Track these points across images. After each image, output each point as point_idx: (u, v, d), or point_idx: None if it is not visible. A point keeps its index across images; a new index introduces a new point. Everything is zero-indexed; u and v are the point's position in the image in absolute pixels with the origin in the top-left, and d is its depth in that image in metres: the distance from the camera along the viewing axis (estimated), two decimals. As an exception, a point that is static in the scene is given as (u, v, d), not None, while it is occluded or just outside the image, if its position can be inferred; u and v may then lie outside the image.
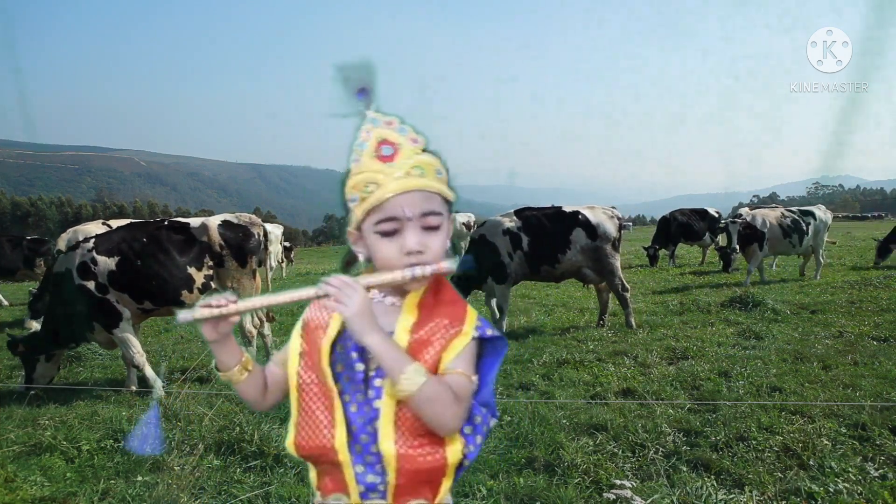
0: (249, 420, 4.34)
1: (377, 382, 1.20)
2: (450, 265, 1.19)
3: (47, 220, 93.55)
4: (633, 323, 7.93)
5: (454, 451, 1.19)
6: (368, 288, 1.19)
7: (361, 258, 1.27)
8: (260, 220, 6.85)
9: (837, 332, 7.06)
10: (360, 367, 1.22)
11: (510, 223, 8.03)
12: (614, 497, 3.19)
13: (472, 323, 1.22)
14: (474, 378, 1.22)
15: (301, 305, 1.23)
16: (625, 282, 8.05)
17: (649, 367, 5.88)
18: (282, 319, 8.19)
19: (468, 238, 9.67)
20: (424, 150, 1.22)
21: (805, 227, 12.03)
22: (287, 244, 22.75)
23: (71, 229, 10.48)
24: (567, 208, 8.21)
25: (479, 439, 1.24)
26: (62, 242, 9.91)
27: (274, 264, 16.63)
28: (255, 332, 6.50)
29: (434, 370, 1.18)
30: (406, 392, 1.13)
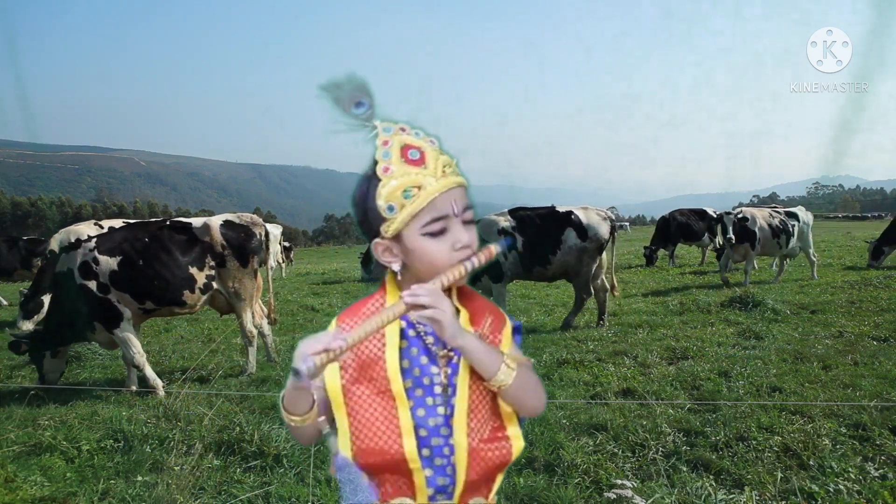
0: (249, 420, 4.35)
1: (455, 380, 1.22)
2: (498, 248, 1.22)
3: (47, 220, 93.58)
4: (572, 324, 8.00)
5: (518, 445, 1.24)
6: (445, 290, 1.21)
7: (396, 267, 1.24)
8: (261, 220, 6.86)
9: (837, 332, 7.05)
10: (434, 369, 1.23)
11: (505, 223, 8.06)
12: (614, 497, 3.19)
13: (506, 315, 1.31)
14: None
15: (303, 307, 1.22)
16: (589, 287, 8.07)
17: (649, 367, 5.88)
18: (282, 320, 8.19)
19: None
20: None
21: (791, 229, 12.03)
22: (286, 244, 22.74)
23: (63, 230, 10.48)
24: (561, 208, 8.22)
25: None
26: (54, 243, 9.91)
27: (273, 264, 16.62)
28: (255, 332, 6.50)
29: None
30: (506, 383, 1.18)
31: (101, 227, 10.35)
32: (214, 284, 6.22)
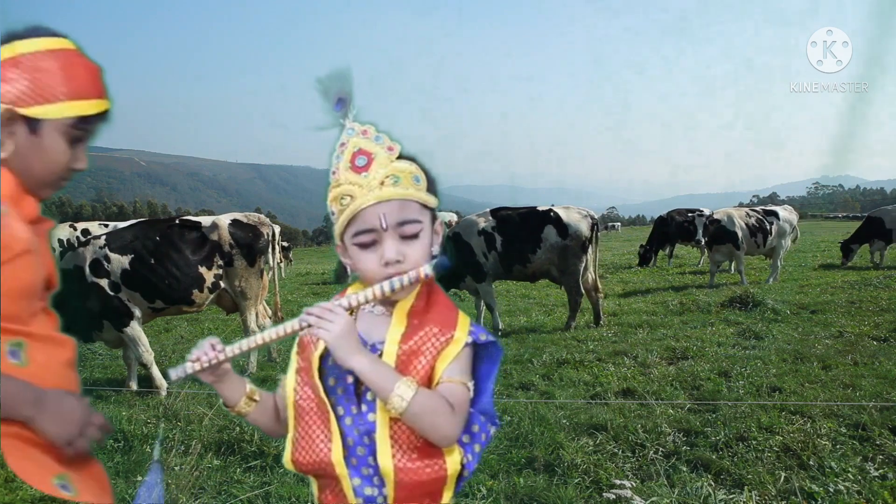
0: (249, 420, 4.35)
1: (369, 396, 1.19)
2: (427, 270, 1.16)
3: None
4: (573, 326, 7.96)
5: (453, 462, 1.18)
6: (350, 309, 1.18)
7: (349, 270, 1.28)
8: (268, 220, 6.89)
9: (837, 332, 7.06)
10: (350, 378, 1.21)
11: (485, 223, 8.09)
12: (614, 497, 3.19)
13: (464, 328, 1.20)
14: (470, 385, 1.20)
15: (303, 307, 1.22)
16: (581, 287, 8.03)
17: (649, 367, 5.88)
18: (289, 319, 8.20)
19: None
20: (401, 157, 1.20)
21: (768, 227, 12.06)
22: (285, 244, 22.72)
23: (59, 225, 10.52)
24: (541, 207, 8.27)
25: (477, 448, 1.22)
26: (53, 240, 9.95)
27: (272, 264, 16.60)
28: (258, 332, 6.50)
29: (427, 380, 1.17)
30: (398, 409, 1.12)
31: (75, 229, 10.44)
32: (222, 283, 6.23)
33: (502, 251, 7.97)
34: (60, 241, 6.20)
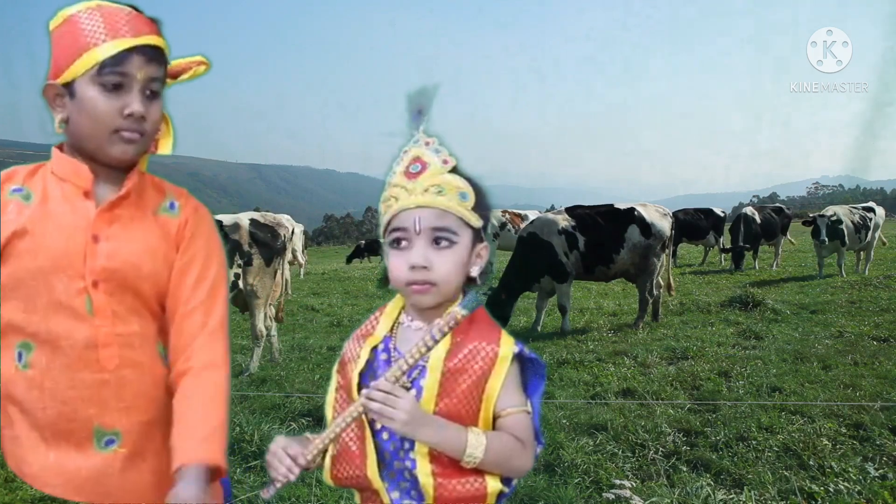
0: (249, 420, 4.34)
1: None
2: (463, 312, 1.14)
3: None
4: (640, 326, 7.88)
5: (494, 480, 1.19)
6: (405, 385, 1.18)
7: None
8: (284, 220, 6.93)
9: (837, 332, 7.05)
10: None
11: (564, 222, 7.91)
12: (614, 497, 3.19)
13: (508, 343, 1.21)
14: (529, 408, 1.22)
15: (303, 307, 1.22)
16: (654, 287, 7.99)
17: (649, 367, 5.88)
18: (289, 319, 8.19)
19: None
20: (454, 171, 1.22)
21: (869, 223, 12.45)
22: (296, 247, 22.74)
23: None
24: (620, 205, 8.13)
25: None
26: None
27: (301, 261, 16.76)
28: (265, 332, 6.50)
29: (475, 395, 1.18)
30: (476, 459, 1.14)
31: None
32: (240, 283, 6.25)
33: (585, 251, 7.79)
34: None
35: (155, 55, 1.34)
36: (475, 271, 1.26)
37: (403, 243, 1.20)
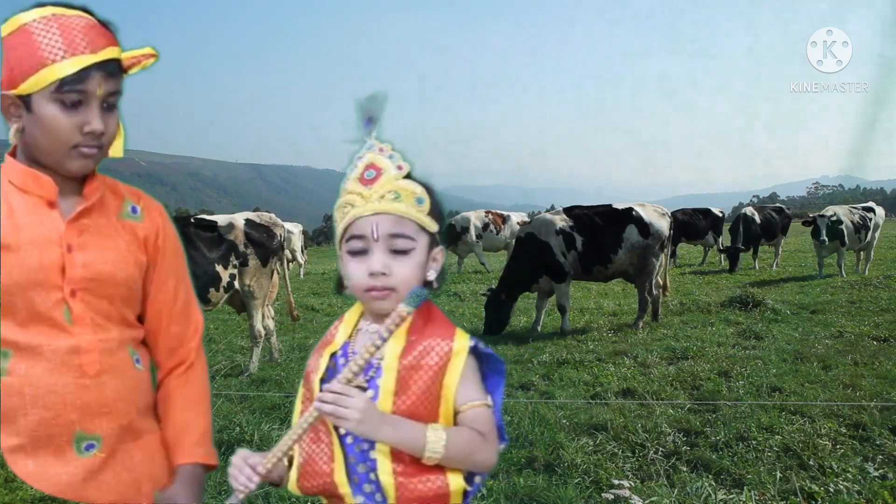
0: (249, 420, 4.34)
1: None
2: (408, 309, 1.16)
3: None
4: (640, 326, 7.89)
5: (456, 478, 1.18)
6: (360, 385, 1.17)
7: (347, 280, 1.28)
8: (280, 220, 6.94)
9: (837, 332, 7.06)
10: None
11: (562, 222, 7.92)
12: (614, 497, 3.19)
13: (462, 338, 1.21)
14: (489, 402, 1.22)
15: (303, 307, 1.23)
16: (653, 287, 7.99)
17: (649, 367, 5.88)
18: (282, 319, 8.19)
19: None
20: (408, 177, 1.23)
21: (869, 223, 12.54)
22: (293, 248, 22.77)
23: None
24: (619, 205, 8.14)
25: None
26: None
27: (300, 261, 16.79)
28: (264, 333, 6.50)
29: (433, 392, 1.18)
30: (435, 459, 1.14)
31: None
32: (236, 283, 6.24)
33: (583, 251, 7.80)
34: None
35: (114, 69, 1.33)
36: (432, 275, 1.26)
37: (361, 250, 1.20)
